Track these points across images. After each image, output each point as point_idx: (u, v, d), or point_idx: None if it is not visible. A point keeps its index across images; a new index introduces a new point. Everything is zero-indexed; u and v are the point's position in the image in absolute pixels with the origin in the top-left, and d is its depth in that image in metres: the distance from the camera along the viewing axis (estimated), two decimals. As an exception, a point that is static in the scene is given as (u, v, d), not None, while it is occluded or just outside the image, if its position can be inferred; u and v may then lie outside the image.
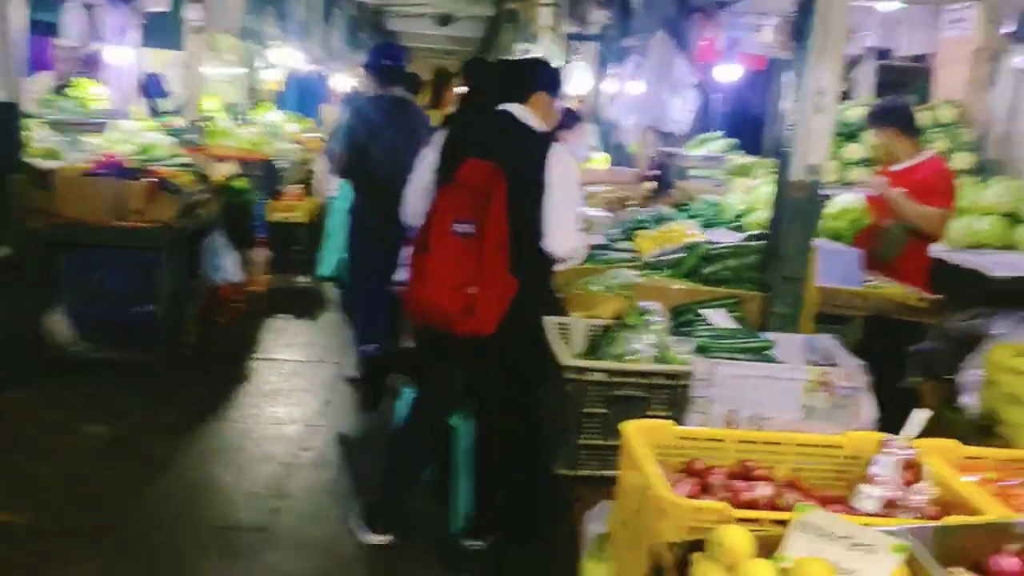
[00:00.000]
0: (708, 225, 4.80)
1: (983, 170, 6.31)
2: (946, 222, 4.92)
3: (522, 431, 3.92)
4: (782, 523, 1.88)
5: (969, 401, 5.08)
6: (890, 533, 1.79)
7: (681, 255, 4.16)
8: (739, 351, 3.46)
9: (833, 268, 4.11)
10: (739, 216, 5.34)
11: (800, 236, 3.76)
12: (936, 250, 5.05)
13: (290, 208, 8.56)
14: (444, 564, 3.80)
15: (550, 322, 3.71)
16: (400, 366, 4.14)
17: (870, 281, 4.29)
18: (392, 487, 3.86)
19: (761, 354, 3.49)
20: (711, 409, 3.38)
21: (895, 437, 2.26)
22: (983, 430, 4.97)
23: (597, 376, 3.18)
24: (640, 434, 2.29)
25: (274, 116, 11.04)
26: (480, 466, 3.91)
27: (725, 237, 4.16)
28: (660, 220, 4.93)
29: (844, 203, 5.16)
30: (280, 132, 10.22)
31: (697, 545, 1.81)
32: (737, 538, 1.77)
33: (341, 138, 5.65)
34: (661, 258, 4.23)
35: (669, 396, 3.21)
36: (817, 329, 3.84)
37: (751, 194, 5.63)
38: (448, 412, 3.88)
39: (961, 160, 6.39)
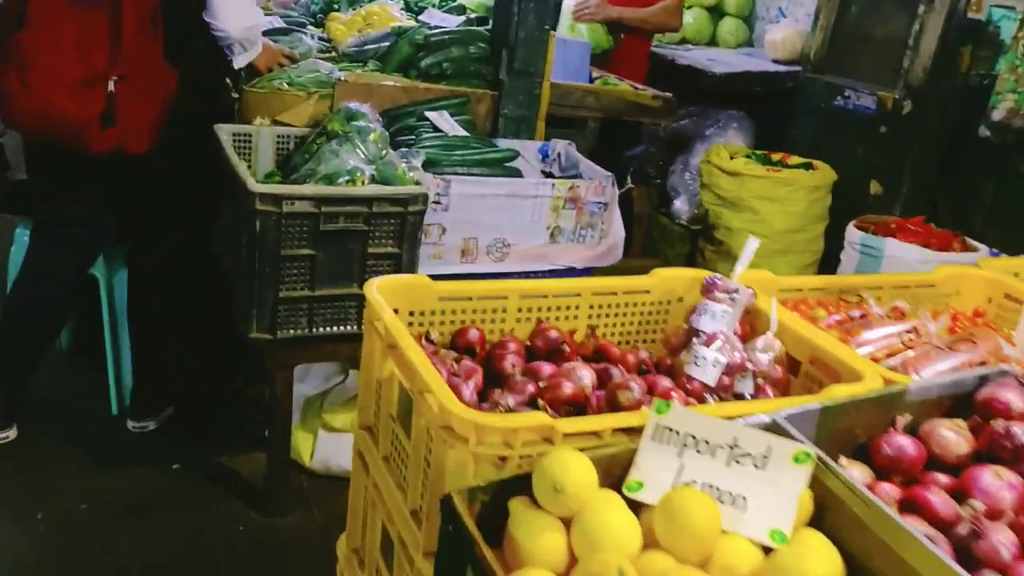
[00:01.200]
0: (414, 6, 3.92)
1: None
2: (679, 11, 4.45)
3: (192, 281, 2.99)
4: (626, 430, 1.27)
5: (680, 207, 4.91)
6: (770, 429, 1.25)
7: (388, 43, 3.31)
8: (476, 164, 2.76)
9: (563, 62, 3.49)
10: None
11: (535, 20, 3.06)
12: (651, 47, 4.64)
13: None
14: (102, 455, 2.86)
15: (224, 131, 2.74)
16: (8, 200, 2.96)
17: (599, 78, 3.75)
18: (8, 365, 2.77)
19: (502, 167, 2.83)
20: (445, 239, 2.70)
21: (718, 276, 1.73)
22: (698, 235, 4.85)
23: (299, 206, 2.34)
24: (390, 296, 1.55)
25: None
26: (139, 328, 2.94)
27: (443, 21, 3.34)
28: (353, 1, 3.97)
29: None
30: None
31: (512, 486, 1.15)
32: (577, 471, 1.13)
33: None
34: (364, 48, 3.33)
35: (396, 228, 2.46)
36: (549, 135, 3.25)
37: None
38: (87, 260, 2.81)
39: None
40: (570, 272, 2.84)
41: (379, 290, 1.55)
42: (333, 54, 3.39)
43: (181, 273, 2.90)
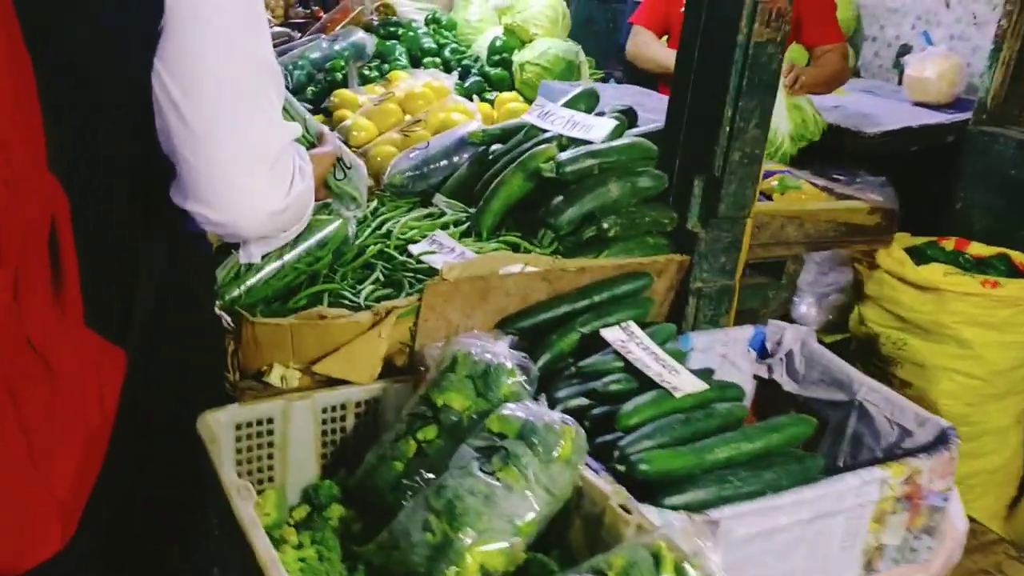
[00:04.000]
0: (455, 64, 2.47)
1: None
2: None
3: None
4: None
5: (806, 311, 3.63)
6: None
7: (464, 160, 1.91)
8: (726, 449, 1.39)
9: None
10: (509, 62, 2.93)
11: (757, 128, 1.71)
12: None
13: None
14: None
15: (216, 423, 1.32)
16: None
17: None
18: None
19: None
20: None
21: None
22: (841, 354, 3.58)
23: None
24: None
25: None
26: None
27: (571, 124, 1.91)
28: (329, 62, 2.47)
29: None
30: None
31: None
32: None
33: None
34: (424, 170, 1.91)
35: None
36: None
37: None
38: None
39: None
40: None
41: None
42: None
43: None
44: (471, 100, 2.49)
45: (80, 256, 1.09)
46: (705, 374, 1.57)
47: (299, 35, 2.67)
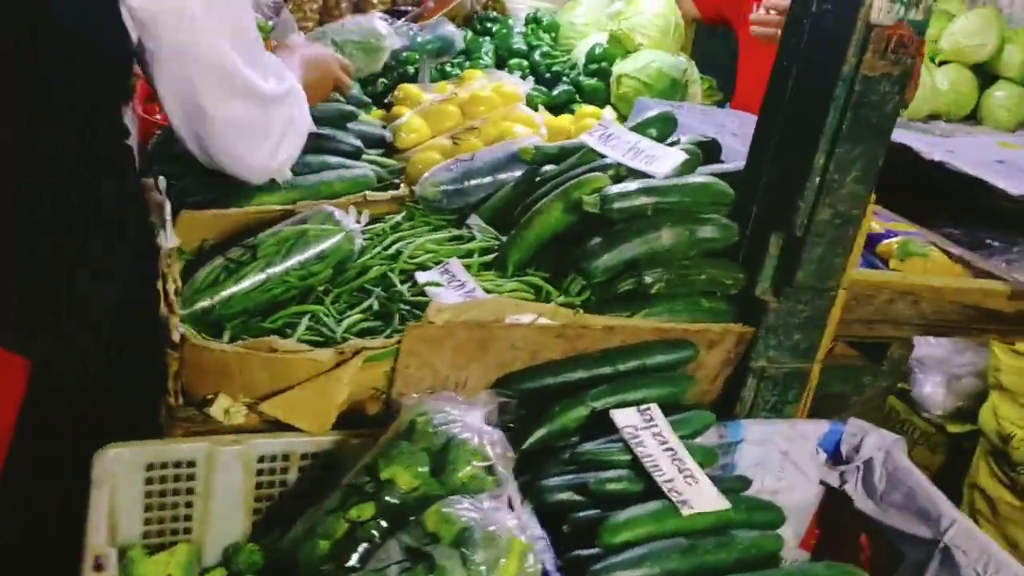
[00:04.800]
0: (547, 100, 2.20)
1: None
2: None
3: None
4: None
5: (931, 393, 3.17)
6: None
7: (506, 180, 1.66)
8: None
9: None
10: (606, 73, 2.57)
11: (857, 183, 1.37)
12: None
13: None
14: None
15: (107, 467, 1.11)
16: None
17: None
18: None
19: None
20: None
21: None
22: (959, 444, 3.11)
23: None
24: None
25: None
26: None
27: (633, 155, 1.60)
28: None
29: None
30: None
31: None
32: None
33: None
34: (464, 186, 1.67)
35: None
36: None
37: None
38: None
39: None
40: None
41: None
42: (402, 190, 1.73)
43: None
44: (567, 111, 2.23)
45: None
46: (738, 483, 1.25)
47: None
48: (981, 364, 3.01)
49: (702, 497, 1.13)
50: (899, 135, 2.86)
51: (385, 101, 2.15)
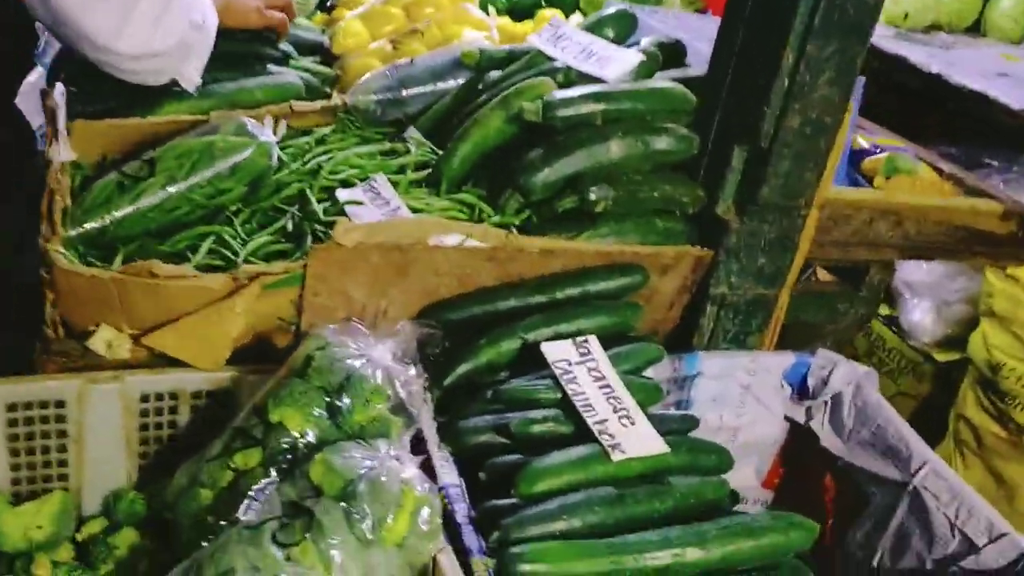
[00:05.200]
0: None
1: None
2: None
3: None
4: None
5: (920, 320, 3.04)
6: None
7: (448, 89, 1.49)
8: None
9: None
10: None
11: (835, 89, 1.20)
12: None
13: None
14: None
15: None
16: None
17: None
18: None
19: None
20: None
21: None
22: (949, 373, 2.99)
23: None
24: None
25: None
26: None
27: (583, 57, 1.44)
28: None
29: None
30: None
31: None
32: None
33: None
34: (401, 95, 1.50)
35: None
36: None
37: None
38: None
39: None
40: None
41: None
42: (334, 99, 1.56)
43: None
44: (533, 16, 2.04)
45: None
46: (685, 423, 1.12)
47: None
48: (974, 289, 2.87)
49: (638, 440, 1.00)
50: (896, 46, 2.68)
51: (328, 4, 1.96)
